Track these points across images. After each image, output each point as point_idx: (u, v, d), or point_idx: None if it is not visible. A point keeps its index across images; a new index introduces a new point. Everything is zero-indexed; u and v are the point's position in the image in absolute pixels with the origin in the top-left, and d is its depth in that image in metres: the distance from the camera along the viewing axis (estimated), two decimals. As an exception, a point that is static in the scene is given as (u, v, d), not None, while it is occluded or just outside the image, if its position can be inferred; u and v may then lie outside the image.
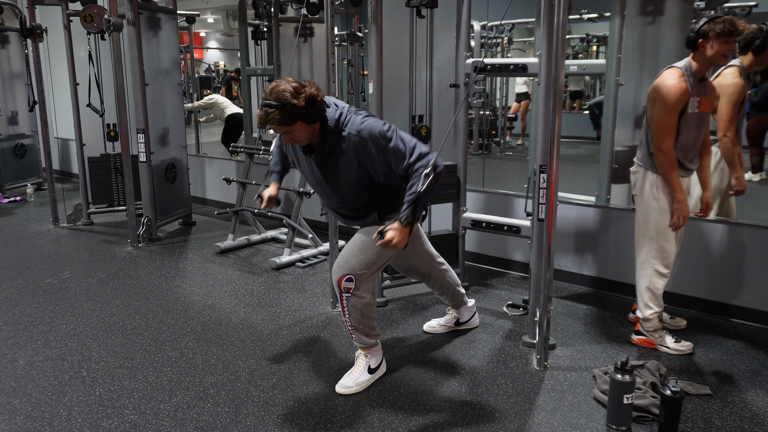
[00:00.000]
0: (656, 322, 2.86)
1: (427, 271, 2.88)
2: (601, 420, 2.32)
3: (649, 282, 2.82)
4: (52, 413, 2.40)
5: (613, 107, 3.50)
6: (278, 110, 2.14)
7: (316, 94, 2.20)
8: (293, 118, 2.17)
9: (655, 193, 2.74)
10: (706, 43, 2.61)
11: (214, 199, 6.03)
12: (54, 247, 4.70)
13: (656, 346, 2.87)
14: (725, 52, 2.61)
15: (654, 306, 2.83)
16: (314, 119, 2.22)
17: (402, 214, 2.26)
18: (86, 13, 4.37)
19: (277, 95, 2.15)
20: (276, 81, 2.21)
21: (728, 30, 2.56)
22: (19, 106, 6.71)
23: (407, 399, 2.49)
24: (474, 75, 3.21)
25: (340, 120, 2.28)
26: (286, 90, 2.15)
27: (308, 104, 2.17)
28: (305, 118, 2.19)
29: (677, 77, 2.63)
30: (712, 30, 2.58)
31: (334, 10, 3.45)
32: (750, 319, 3.17)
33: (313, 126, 2.25)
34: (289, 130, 2.21)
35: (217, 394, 2.54)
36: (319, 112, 2.22)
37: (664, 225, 2.75)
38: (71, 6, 4.98)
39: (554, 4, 2.44)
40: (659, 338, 2.86)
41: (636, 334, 2.94)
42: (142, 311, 3.42)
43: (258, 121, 2.20)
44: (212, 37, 16.32)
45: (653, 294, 2.83)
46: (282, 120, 2.16)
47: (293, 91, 2.15)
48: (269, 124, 2.18)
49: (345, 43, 7.43)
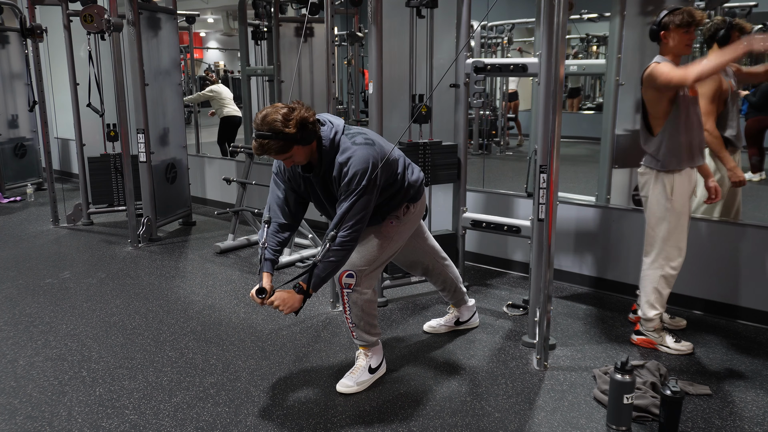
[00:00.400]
0: (658, 323, 2.86)
1: (431, 266, 2.89)
2: (601, 420, 2.32)
3: (657, 282, 2.82)
4: (52, 413, 2.40)
5: (613, 107, 3.51)
6: (273, 140, 2.18)
7: (307, 117, 2.22)
8: (288, 145, 2.20)
9: (667, 193, 2.73)
10: (668, 35, 2.70)
11: (214, 199, 6.03)
12: (54, 247, 4.70)
13: (656, 346, 2.87)
14: (687, 42, 2.69)
15: (659, 307, 2.84)
16: (309, 141, 2.25)
17: (298, 281, 2.33)
18: (86, 13, 4.37)
19: (269, 125, 2.17)
20: (265, 110, 2.22)
21: (687, 21, 2.64)
22: (19, 106, 6.70)
23: (407, 399, 2.49)
24: (474, 75, 3.21)
25: (335, 140, 2.31)
26: (276, 120, 2.17)
27: (300, 128, 2.20)
28: (300, 142, 2.22)
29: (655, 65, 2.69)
30: (672, 21, 2.66)
31: (334, 10, 3.45)
32: (750, 319, 3.17)
33: (310, 146, 2.29)
34: (288, 156, 2.25)
35: (217, 394, 2.54)
36: (313, 133, 2.25)
37: (676, 226, 2.75)
38: (71, 6, 4.98)
39: (554, 4, 2.44)
40: (660, 338, 2.86)
41: (636, 334, 2.94)
42: (142, 311, 3.42)
43: (255, 152, 2.23)
44: (212, 37, 16.32)
45: (660, 295, 2.82)
46: (278, 148, 2.20)
47: (283, 119, 2.17)
48: (267, 154, 2.21)
49: (345, 43, 7.43)
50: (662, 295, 2.83)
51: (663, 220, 2.77)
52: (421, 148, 3.47)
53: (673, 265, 2.79)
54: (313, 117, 2.26)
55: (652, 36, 2.75)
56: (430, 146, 3.49)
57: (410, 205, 2.53)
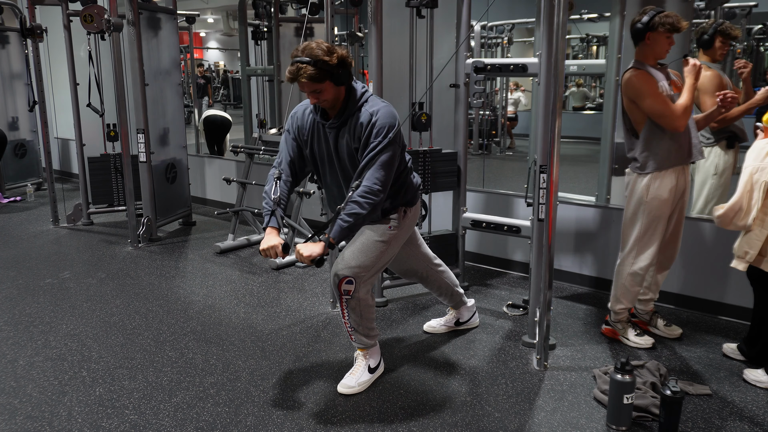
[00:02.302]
0: (624, 315, 2.94)
1: (425, 274, 2.89)
2: (601, 420, 2.32)
3: (625, 279, 2.87)
4: (52, 413, 2.40)
5: (613, 107, 3.51)
6: (310, 66, 2.16)
7: (347, 56, 2.24)
8: (323, 75, 2.19)
9: (644, 195, 2.75)
10: (653, 37, 2.67)
11: (214, 199, 6.03)
12: (54, 247, 4.70)
13: (619, 337, 2.96)
14: (668, 48, 2.70)
15: (624, 302, 2.91)
16: (342, 81, 2.25)
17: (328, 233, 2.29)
18: (86, 13, 4.37)
19: (310, 52, 2.18)
20: (308, 41, 2.23)
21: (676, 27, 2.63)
22: (19, 106, 6.70)
23: (407, 399, 2.49)
24: (474, 75, 3.21)
25: (366, 94, 2.33)
26: (318, 47, 2.18)
27: (339, 64, 2.21)
28: (335, 77, 2.21)
29: (633, 71, 2.71)
30: (661, 24, 2.64)
31: (334, 10, 3.45)
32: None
33: (340, 89, 2.28)
34: (318, 88, 2.22)
35: (217, 394, 2.54)
36: (348, 75, 2.26)
37: (648, 228, 2.78)
38: (71, 6, 4.98)
39: (554, 4, 2.44)
40: (622, 330, 2.95)
41: (605, 324, 3.04)
42: (142, 311, 3.42)
43: (288, 76, 2.21)
44: (212, 37, 16.33)
45: (627, 290, 2.89)
46: (312, 76, 2.17)
47: (326, 49, 2.19)
48: (300, 78, 2.18)
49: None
50: (630, 291, 2.88)
51: (636, 221, 2.80)
52: (421, 156, 3.46)
53: (641, 266, 2.83)
54: (351, 61, 2.27)
55: (636, 35, 2.72)
56: (430, 154, 3.49)
57: (407, 210, 2.53)
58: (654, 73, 2.70)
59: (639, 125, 2.75)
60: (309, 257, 2.26)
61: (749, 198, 2.44)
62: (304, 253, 2.27)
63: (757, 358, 2.67)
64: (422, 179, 3.46)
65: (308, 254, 2.26)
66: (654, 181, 2.73)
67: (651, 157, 2.72)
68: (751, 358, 2.71)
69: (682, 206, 2.84)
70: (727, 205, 2.48)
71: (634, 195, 2.80)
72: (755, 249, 2.48)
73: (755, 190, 2.43)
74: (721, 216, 2.50)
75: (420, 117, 3.45)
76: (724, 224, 2.52)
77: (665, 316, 3.09)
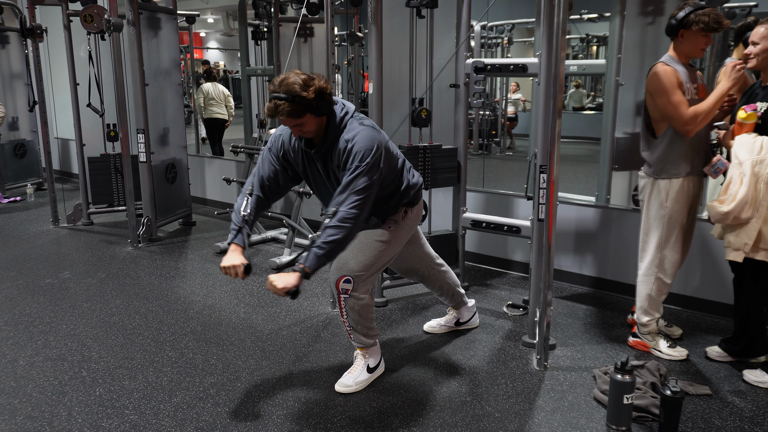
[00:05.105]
0: (653, 327, 2.85)
1: (426, 273, 2.88)
2: (601, 420, 2.32)
3: (650, 289, 2.80)
4: (52, 413, 2.40)
5: (613, 107, 3.50)
6: (288, 102, 2.14)
7: (324, 87, 2.20)
8: (302, 110, 2.17)
9: (663, 201, 2.69)
10: (687, 34, 2.59)
11: (214, 199, 6.03)
12: (54, 247, 4.70)
13: (650, 350, 2.86)
14: (704, 46, 2.60)
15: (653, 312, 2.82)
16: (323, 112, 2.23)
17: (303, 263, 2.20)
18: (86, 13, 4.37)
19: (287, 87, 2.15)
20: (285, 73, 2.20)
21: (713, 26, 2.52)
22: (19, 106, 6.70)
23: (407, 399, 2.49)
24: (474, 75, 3.21)
25: (344, 119, 2.29)
26: (295, 83, 2.15)
27: (317, 97, 2.18)
28: (314, 110, 2.19)
29: (661, 65, 2.62)
30: (697, 22, 2.54)
31: (334, 10, 3.45)
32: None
33: (322, 119, 2.26)
34: (299, 122, 2.21)
35: (217, 394, 2.53)
36: (328, 104, 2.23)
37: (669, 234, 2.72)
38: (71, 6, 4.98)
39: (554, 4, 2.44)
40: (654, 342, 2.85)
41: (632, 336, 2.94)
42: (142, 311, 3.42)
43: (267, 113, 2.19)
44: (212, 37, 16.32)
45: (654, 302, 2.81)
46: (291, 112, 2.16)
47: (302, 83, 2.16)
48: (279, 115, 2.17)
49: (345, 43, 7.43)
50: (656, 301, 2.81)
51: (657, 228, 2.73)
52: (421, 152, 3.47)
53: (666, 273, 2.77)
54: (331, 90, 2.24)
55: (670, 31, 2.62)
56: (430, 150, 3.49)
57: (408, 210, 2.53)
58: (681, 72, 2.60)
59: (657, 124, 2.68)
60: (283, 289, 2.14)
61: (755, 191, 2.41)
62: (278, 285, 2.15)
63: (744, 353, 2.66)
64: (422, 175, 3.45)
65: (282, 286, 2.14)
66: (673, 186, 2.67)
67: (669, 162, 2.66)
68: (738, 353, 2.70)
69: (694, 212, 2.81)
70: (735, 201, 2.40)
71: (652, 200, 2.73)
72: (752, 239, 2.46)
73: (761, 182, 2.40)
74: (729, 212, 2.42)
75: (420, 113, 3.46)
76: (725, 220, 2.46)
77: (665, 316, 3.09)
